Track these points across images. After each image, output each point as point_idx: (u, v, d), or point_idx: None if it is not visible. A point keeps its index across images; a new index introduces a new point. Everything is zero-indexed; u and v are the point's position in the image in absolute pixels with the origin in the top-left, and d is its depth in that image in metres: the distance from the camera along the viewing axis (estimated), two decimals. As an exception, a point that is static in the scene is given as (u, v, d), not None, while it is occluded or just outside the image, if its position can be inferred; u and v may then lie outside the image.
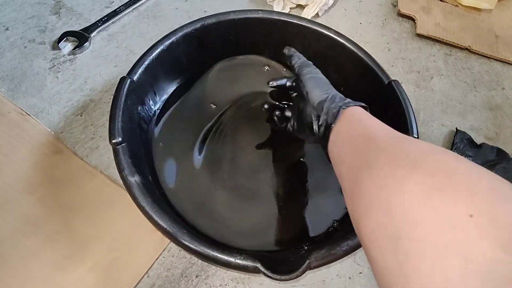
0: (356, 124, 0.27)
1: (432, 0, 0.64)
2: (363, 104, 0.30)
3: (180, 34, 0.40)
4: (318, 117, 0.31)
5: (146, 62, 0.38)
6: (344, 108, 0.29)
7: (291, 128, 0.38)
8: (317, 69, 0.36)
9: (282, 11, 0.56)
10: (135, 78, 0.36)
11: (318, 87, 0.33)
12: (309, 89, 0.33)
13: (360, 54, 0.42)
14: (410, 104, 0.38)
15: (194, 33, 0.41)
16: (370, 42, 0.58)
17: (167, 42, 0.39)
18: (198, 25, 0.41)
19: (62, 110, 0.44)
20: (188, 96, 0.44)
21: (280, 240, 0.36)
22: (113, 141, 0.32)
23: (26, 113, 0.43)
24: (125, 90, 0.35)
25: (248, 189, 0.39)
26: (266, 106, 0.41)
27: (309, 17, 0.56)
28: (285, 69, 0.48)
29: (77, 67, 0.48)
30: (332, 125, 0.29)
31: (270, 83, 0.39)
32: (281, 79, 0.39)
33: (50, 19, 0.52)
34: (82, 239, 0.36)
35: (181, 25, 0.41)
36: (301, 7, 0.58)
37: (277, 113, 0.39)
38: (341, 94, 0.32)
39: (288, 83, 0.38)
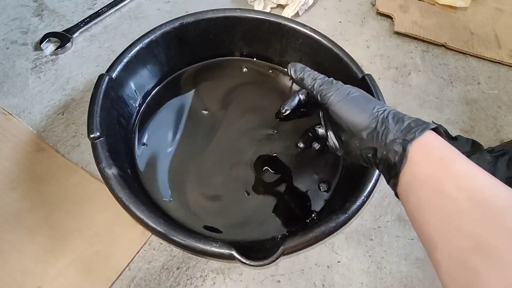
0: (441, 169, 0.21)
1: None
2: (434, 126, 0.24)
3: (159, 32, 0.41)
4: (375, 151, 0.25)
5: (125, 60, 0.38)
6: (411, 144, 0.22)
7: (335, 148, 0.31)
8: (344, 85, 0.29)
9: (262, 10, 0.58)
10: (114, 75, 0.37)
11: (357, 113, 0.26)
12: (346, 120, 0.26)
13: (335, 50, 0.43)
14: (382, 97, 0.39)
15: (173, 31, 0.42)
16: (349, 40, 0.59)
17: (146, 40, 0.40)
18: (177, 23, 0.42)
19: (44, 109, 0.44)
20: (175, 101, 0.45)
21: (258, 233, 0.37)
22: (91, 135, 0.32)
23: (8, 112, 0.43)
24: (104, 87, 0.35)
25: (227, 183, 0.40)
26: (301, 145, 0.35)
27: (289, 17, 0.58)
28: (270, 71, 0.49)
29: (59, 67, 0.48)
30: (400, 169, 0.23)
31: (284, 109, 0.34)
32: (293, 100, 0.34)
33: (32, 21, 0.53)
34: (63, 233, 0.36)
35: (160, 24, 0.42)
36: (281, 6, 0.60)
37: (301, 144, 0.35)
38: (393, 109, 0.25)
39: (302, 97, 0.34)
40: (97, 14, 0.54)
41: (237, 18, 0.45)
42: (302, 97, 0.33)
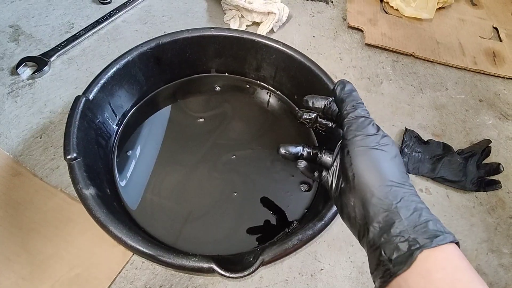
0: None
1: (377, 13, 0.69)
2: (454, 239, 0.20)
3: (135, 53, 0.42)
4: (367, 228, 0.21)
5: (102, 81, 0.39)
6: (421, 251, 0.18)
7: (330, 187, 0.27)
8: (381, 135, 0.24)
9: (236, 29, 0.59)
10: (90, 96, 0.37)
11: (371, 175, 0.21)
12: (357, 174, 0.22)
13: (308, 64, 0.45)
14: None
15: (149, 51, 0.43)
16: (323, 53, 0.62)
17: (123, 61, 0.41)
18: (153, 44, 0.43)
19: (21, 133, 0.44)
20: (154, 119, 0.46)
21: (239, 245, 0.37)
22: (68, 157, 0.32)
23: (-17, 138, 0.43)
24: (80, 108, 0.36)
25: (206, 198, 0.40)
26: (301, 165, 0.30)
27: (264, 33, 0.60)
28: (247, 85, 0.50)
29: (37, 91, 0.48)
30: (398, 272, 0.19)
31: (282, 152, 0.31)
32: (295, 148, 0.31)
33: (8, 46, 0.53)
34: (41, 258, 0.35)
35: (137, 45, 0.43)
36: (256, 24, 0.62)
37: (301, 165, 0.30)
38: (414, 192, 0.21)
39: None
40: (74, 37, 0.54)
41: (212, 36, 0.46)
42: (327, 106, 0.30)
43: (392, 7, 0.70)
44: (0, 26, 0.55)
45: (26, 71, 0.50)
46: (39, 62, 0.50)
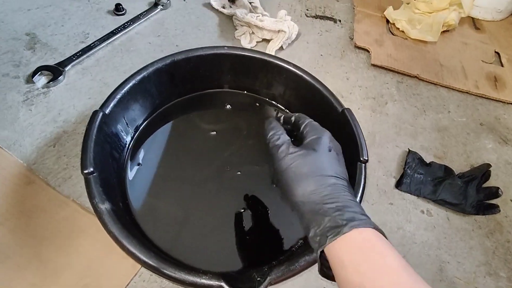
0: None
1: (384, 34, 0.71)
2: (375, 226, 0.26)
3: (151, 69, 0.43)
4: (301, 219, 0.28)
5: (118, 96, 0.40)
6: (324, 247, 0.25)
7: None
8: (298, 156, 0.29)
9: (246, 47, 0.61)
10: (107, 111, 0.39)
11: (292, 188, 0.28)
12: (284, 186, 0.29)
13: (317, 85, 0.46)
14: (361, 130, 0.42)
15: (164, 68, 0.45)
16: (330, 72, 0.63)
17: (139, 77, 0.42)
18: (168, 61, 0.45)
19: (35, 141, 0.45)
20: (165, 133, 0.47)
21: (246, 262, 0.38)
22: (85, 171, 0.33)
23: (-2, 145, 0.44)
24: (97, 122, 0.37)
25: (215, 215, 0.41)
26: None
27: (273, 51, 0.61)
28: (257, 103, 0.52)
29: (51, 100, 0.50)
30: (320, 259, 0.26)
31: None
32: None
33: (24, 54, 0.54)
34: (52, 267, 0.36)
35: (153, 60, 0.44)
36: (266, 41, 0.64)
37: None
38: (327, 193, 0.27)
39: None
40: (89, 48, 0.56)
41: (225, 55, 0.48)
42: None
43: (398, 28, 0.72)
44: (17, 33, 0.56)
45: (41, 80, 0.51)
46: (54, 72, 0.51)
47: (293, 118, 0.35)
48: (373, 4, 0.77)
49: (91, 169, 0.34)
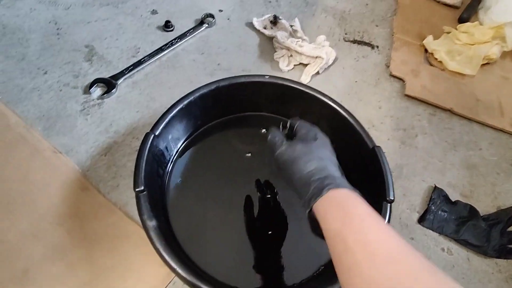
0: (344, 225, 0.28)
1: (421, 64, 0.71)
2: (329, 188, 0.31)
3: (197, 94, 0.47)
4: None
5: (167, 119, 0.44)
6: (314, 202, 0.31)
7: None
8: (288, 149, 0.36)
9: (284, 69, 0.64)
10: (157, 132, 0.43)
11: (290, 173, 0.35)
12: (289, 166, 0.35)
13: (350, 119, 0.48)
14: (390, 170, 0.44)
15: (209, 93, 0.48)
16: (363, 99, 0.65)
17: (186, 101, 0.46)
18: (213, 87, 0.48)
19: (89, 149, 0.51)
20: (205, 150, 0.51)
21: (269, 281, 0.42)
22: (137, 189, 0.38)
23: (58, 151, 0.49)
24: (149, 144, 0.41)
25: (245, 234, 0.45)
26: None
27: (310, 75, 0.64)
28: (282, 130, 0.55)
29: (104, 111, 0.55)
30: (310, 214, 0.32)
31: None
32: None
33: (83, 66, 0.59)
34: (100, 267, 0.41)
35: (199, 86, 0.48)
36: (303, 65, 0.66)
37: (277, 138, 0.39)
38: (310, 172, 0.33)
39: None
40: (139, 62, 0.61)
41: (266, 83, 0.51)
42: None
43: (436, 59, 0.72)
44: (78, 45, 0.62)
45: (97, 91, 0.56)
46: (109, 84, 0.57)
47: (288, 123, 0.42)
48: (413, 31, 0.77)
49: (142, 188, 0.38)
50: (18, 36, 0.61)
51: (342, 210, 0.29)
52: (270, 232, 0.45)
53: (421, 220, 0.52)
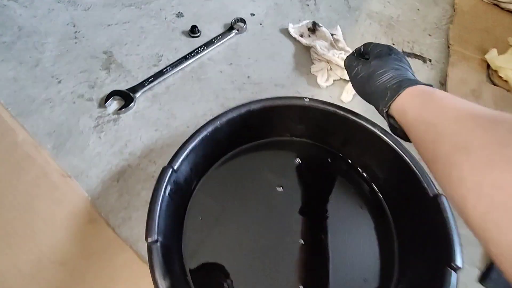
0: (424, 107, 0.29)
1: (482, 83, 0.61)
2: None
3: (224, 119, 0.40)
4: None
5: (188, 149, 0.38)
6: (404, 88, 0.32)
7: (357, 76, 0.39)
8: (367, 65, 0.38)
9: (322, 85, 0.56)
10: (176, 166, 0.36)
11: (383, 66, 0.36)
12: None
13: (405, 157, 0.40)
14: (456, 225, 0.36)
15: (238, 117, 0.41)
16: (413, 123, 0.56)
17: (211, 128, 0.40)
18: (243, 110, 0.41)
19: (100, 174, 0.45)
20: (228, 183, 0.44)
21: None
22: (149, 239, 0.31)
23: (67, 175, 0.44)
24: (166, 182, 0.35)
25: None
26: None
27: (352, 93, 0.55)
28: (329, 159, 0.47)
29: (120, 128, 0.49)
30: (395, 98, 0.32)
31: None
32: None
33: (100, 75, 0.54)
34: (104, 323, 0.36)
35: (226, 110, 0.41)
36: (345, 81, 0.58)
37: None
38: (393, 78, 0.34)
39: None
40: (161, 73, 0.54)
41: (304, 107, 0.43)
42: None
43: (501, 77, 0.62)
44: (95, 51, 0.56)
45: (113, 105, 0.51)
46: (126, 98, 0.51)
47: (362, 47, 0.42)
48: (473, 42, 0.67)
49: (155, 237, 0.32)
50: (34, 39, 0.57)
51: (423, 99, 0.30)
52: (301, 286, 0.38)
53: (483, 279, 0.43)
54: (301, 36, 0.62)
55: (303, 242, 0.41)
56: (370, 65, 0.37)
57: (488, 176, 0.20)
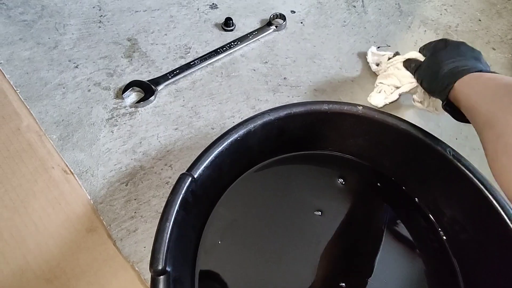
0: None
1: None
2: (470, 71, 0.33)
3: (259, 122, 0.33)
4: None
5: (212, 156, 0.31)
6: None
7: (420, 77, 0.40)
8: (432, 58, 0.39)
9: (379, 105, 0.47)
10: (196, 174, 0.29)
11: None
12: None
13: (489, 195, 0.31)
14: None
15: (276, 121, 0.34)
16: (477, 148, 0.47)
17: (242, 132, 0.32)
18: (282, 113, 0.34)
19: (108, 174, 0.39)
20: (254, 200, 0.37)
21: None
22: (153, 269, 0.24)
23: (70, 171, 0.38)
24: (183, 192, 0.28)
25: None
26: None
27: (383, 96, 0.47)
28: (379, 183, 0.39)
29: (135, 123, 0.43)
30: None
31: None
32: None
33: (121, 62, 0.48)
34: None
35: (263, 111, 0.34)
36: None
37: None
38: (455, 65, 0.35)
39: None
40: (187, 66, 0.48)
41: (357, 116, 0.35)
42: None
43: None
44: (119, 37, 0.51)
45: (131, 97, 0.45)
46: (147, 89, 0.45)
47: (424, 48, 0.43)
48: (547, 60, 0.57)
49: (162, 266, 0.24)
50: (56, 20, 0.52)
51: (479, 81, 0.32)
52: None
53: None
54: (377, 65, 0.53)
55: (344, 286, 0.32)
56: (427, 63, 0.39)
57: None
